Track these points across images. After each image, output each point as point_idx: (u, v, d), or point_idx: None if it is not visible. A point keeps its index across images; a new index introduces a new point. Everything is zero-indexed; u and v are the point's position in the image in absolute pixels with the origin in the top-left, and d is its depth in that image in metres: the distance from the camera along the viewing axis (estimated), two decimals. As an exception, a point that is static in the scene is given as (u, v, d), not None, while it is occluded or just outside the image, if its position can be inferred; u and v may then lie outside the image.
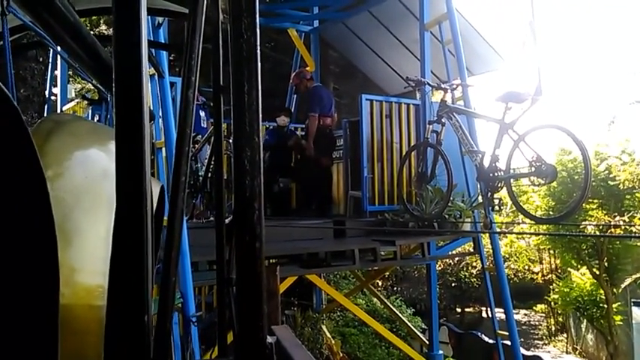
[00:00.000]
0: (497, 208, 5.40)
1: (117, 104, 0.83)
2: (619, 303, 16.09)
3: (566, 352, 20.74)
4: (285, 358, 1.16)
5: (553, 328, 22.96)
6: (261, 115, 0.92)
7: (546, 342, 22.27)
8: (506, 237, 22.98)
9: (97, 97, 6.46)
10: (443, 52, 7.35)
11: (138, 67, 0.83)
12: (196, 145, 6.44)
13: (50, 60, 7.63)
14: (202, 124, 7.17)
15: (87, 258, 1.13)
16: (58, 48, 2.93)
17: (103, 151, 1.50)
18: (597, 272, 15.83)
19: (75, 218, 1.14)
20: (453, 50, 7.29)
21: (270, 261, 5.62)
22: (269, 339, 0.83)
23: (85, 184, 1.31)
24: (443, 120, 5.53)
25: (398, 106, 7.40)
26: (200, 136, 6.52)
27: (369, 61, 9.95)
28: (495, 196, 5.09)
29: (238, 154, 0.86)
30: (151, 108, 4.40)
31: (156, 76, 4.53)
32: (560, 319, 22.46)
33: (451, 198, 5.81)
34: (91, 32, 1.83)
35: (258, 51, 0.89)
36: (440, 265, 21.42)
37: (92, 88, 7.93)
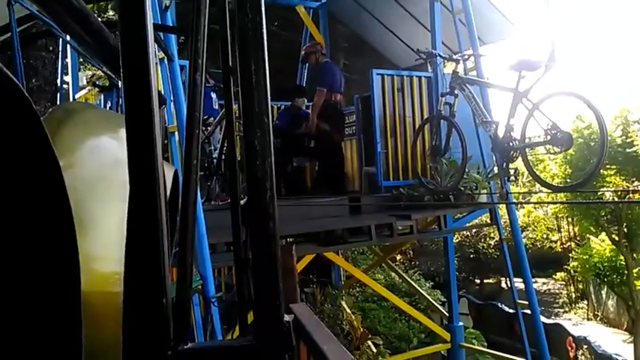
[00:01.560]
0: (513, 178, 5.37)
1: (125, 90, 0.83)
2: (639, 268, 16.01)
3: (587, 319, 20.76)
4: (305, 335, 1.17)
5: (573, 296, 22.96)
6: (269, 95, 0.92)
7: (567, 310, 22.29)
8: (524, 207, 22.89)
9: (107, 84, 6.47)
10: (454, 22, 7.23)
11: (144, 52, 0.82)
12: (208, 128, 6.44)
13: (60, 48, 7.65)
14: (214, 107, 7.15)
15: (102, 245, 1.14)
16: (68, 37, 2.93)
17: (114, 138, 1.50)
18: (616, 238, 15.75)
19: (89, 206, 1.15)
20: (463, 20, 7.17)
21: (287, 240, 5.66)
22: (287, 317, 0.83)
23: (97, 172, 1.32)
24: (455, 91, 5.47)
25: (409, 79, 7.32)
26: (212, 119, 6.51)
27: (379, 35, 9.83)
28: (511, 166, 5.06)
29: (248, 135, 0.85)
30: (162, 92, 4.40)
31: (165, 60, 4.52)
32: (580, 286, 22.45)
33: (466, 170, 5.77)
34: (99, 19, 1.83)
35: (264, 30, 0.88)
36: (457, 238, 21.44)
37: (103, 75, 7.95)
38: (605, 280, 17.14)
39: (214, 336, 3.72)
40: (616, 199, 12.72)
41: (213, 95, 7.17)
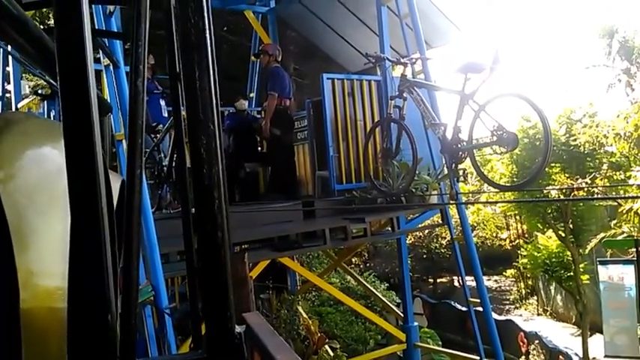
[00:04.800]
0: (462, 178, 5.47)
1: (63, 98, 0.79)
2: (585, 263, 16.56)
3: (538, 314, 21.41)
4: (258, 345, 1.15)
5: (523, 292, 23.63)
6: (216, 101, 0.90)
7: (517, 306, 22.93)
8: (473, 206, 23.42)
9: (50, 92, 6.27)
10: (401, 27, 7.35)
11: (82, 57, 0.79)
12: (158, 135, 6.33)
13: (1, 57, 7.37)
14: (163, 114, 7.04)
15: (45, 260, 1.10)
16: (9, 47, 2.81)
17: (56, 148, 1.45)
18: (563, 234, 16.24)
19: (30, 219, 1.11)
20: (410, 24, 7.29)
21: (242, 247, 5.60)
22: (238, 328, 0.82)
23: (39, 183, 1.27)
24: (404, 94, 5.54)
25: (359, 83, 7.39)
26: (161, 126, 6.41)
27: (329, 40, 9.88)
28: (460, 166, 5.14)
29: (194, 142, 0.83)
30: (107, 100, 4.29)
31: (111, 67, 4.41)
32: (530, 282, 23.11)
33: (417, 172, 5.86)
34: (41, 26, 1.76)
35: (208, 35, 0.86)
36: (410, 239, 21.74)
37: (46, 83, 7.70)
38: (553, 275, 17.66)
39: (169, 349, 3.64)
40: (561, 197, 13.16)
41: (162, 102, 7.06)
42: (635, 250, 11.59)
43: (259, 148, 8.22)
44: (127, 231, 0.87)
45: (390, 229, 6.92)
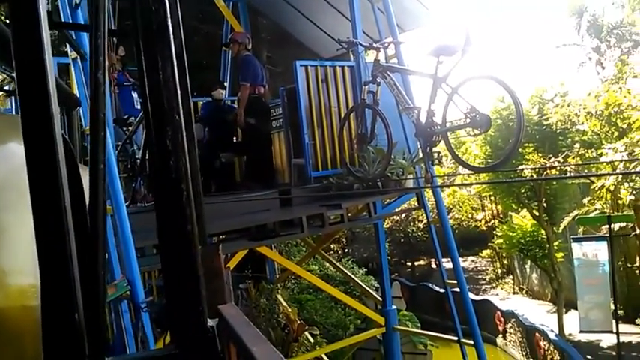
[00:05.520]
0: (437, 161, 5.50)
1: (20, 91, 0.77)
2: (559, 241, 16.90)
3: (514, 293, 21.81)
4: (234, 337, 1.14)
5: (499, 272, 24.05)
6: (184, 91, 0.88)
7: (494, 285, 23.33)
8: (449, 188, 23.67)
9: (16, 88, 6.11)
10: (373, 11, 7.32)
11: (39, 50, 0.76)
12: (130, 128, 6.24)
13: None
14: (136, 106, 6.93)
15: (16, 257, 1.08)
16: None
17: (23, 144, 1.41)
18: (537, 213, 16.53)
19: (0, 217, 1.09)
20: (382, 8, 7.27)
21: (219, 237, 5.57)
22: (211, 322, 0.80)
23: (6, 180, 1.24)
24: (378, 79, 5.53)
25: (333, 69, 7.35)
26: (133, 118, 6.31)
27: (301, 26, 9.80)
28: (434, 150, 5.16)
29: (159, 134, 0.81)
30: (76, 93, 4.20)
31: (79, 60, 4.30)
32: (505, 262, 23.53)
33: (392, 156, 5.87)
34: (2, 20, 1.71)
35: (170, 23, 0.83)
36: (388, 223, 21.93)
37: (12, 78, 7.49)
38: (528, 254, 18.01)
39: (146, 343, 3.61)
40: (535, 176, 13.35)
41: (134, 94, 6.95)
42: (607, 226, 11.84)
43: (234, 138, 8.15)
44: (92, 227, 0.85)
45: (367, 214, 6.94)
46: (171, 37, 0.84)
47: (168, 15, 0.85)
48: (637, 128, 9.24)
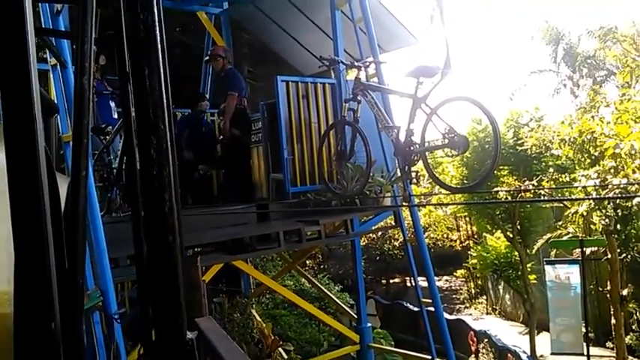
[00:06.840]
0: (415, 181, 5.54)
1: (3, 97, 0.76)
2: (532, 263, 17.07)
3: (487, 313, 21.95)
4: (211, 350, 1.12)
5: (473, 292, 24.20)
6: (168, 102, 0.87)
7: (467, 305, 23.45)
8: (425, 208, 23.81)
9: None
10: (355, 31, 7.40)
11: (24, 56, 0.75)
12: (107, 137, 6.18)
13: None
14: (113, 115, 6.87)
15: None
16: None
17: (1, 150, 1.38)
18: (511, 235, 16.68)
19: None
20: (364, 28, 7.35)
21: (195, 250, 5.51)
22: (190, 334, 0.79)
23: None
24: (358, 97, 5.57)
25: (314, 86, 7.39)
26: (111, 127, 6.25)
27: (283, 42, 9.85)
28: (412, 169, 5.20)
29: (143, 143, 0.80)
30: (54, 100, 4.15)
31: (58, 67, 4.26)
32: (480, 282, 23.68)
33: (371, 174, 5.90)
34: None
35: (158, 31, 0.83)
36: (364, 241, 21.93)
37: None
38: (502, 275, 18.16)
39: (119, 356, 3.54)
40: (509, 198, 13.49)
41: (112, 104, 6.90)
42: (580, 250, 11.99)
43: (215, 152, 8.12)
44: (71, 235, 0.84)
45: (344, 231, 6.95)
46: (159, 45, 0.84)
47: (156, 24, 0.85)
48: (609, 156, 9.41)
